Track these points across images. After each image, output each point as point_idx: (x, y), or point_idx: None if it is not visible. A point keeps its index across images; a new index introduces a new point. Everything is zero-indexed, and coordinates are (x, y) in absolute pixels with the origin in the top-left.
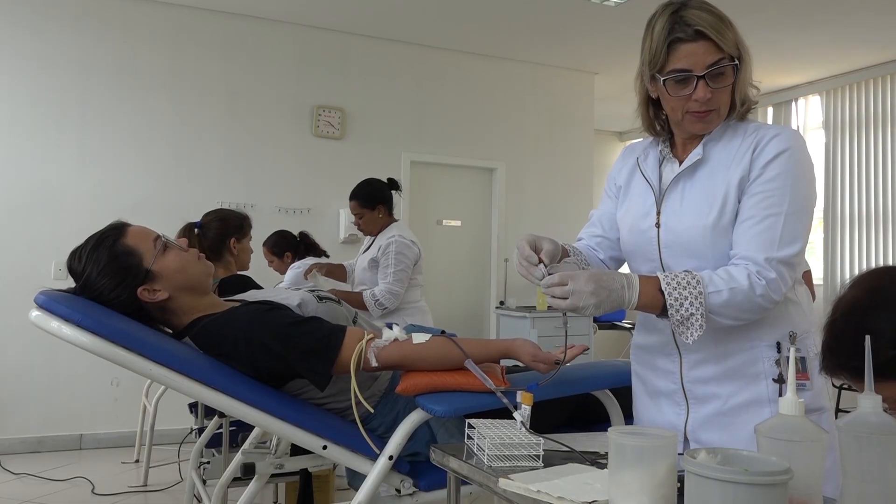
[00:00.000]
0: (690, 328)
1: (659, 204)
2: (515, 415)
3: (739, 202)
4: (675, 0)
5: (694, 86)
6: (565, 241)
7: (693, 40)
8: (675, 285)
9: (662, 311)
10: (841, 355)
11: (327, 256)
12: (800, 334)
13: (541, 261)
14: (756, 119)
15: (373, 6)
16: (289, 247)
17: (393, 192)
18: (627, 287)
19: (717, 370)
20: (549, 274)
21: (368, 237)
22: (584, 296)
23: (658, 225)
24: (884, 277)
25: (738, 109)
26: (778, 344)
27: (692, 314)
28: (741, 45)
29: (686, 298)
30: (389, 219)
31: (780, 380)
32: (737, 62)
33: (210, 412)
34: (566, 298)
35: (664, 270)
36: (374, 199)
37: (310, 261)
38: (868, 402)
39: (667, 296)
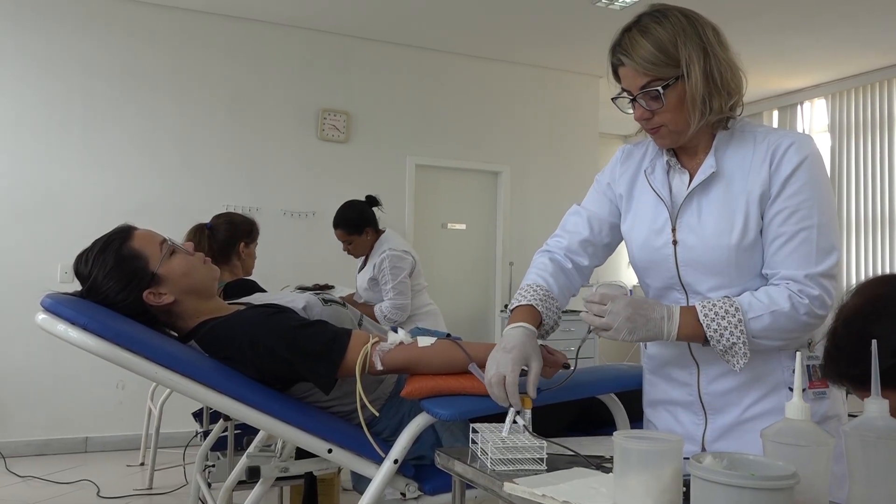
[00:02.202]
0: (735, 356)
1: (674, 220)
2: (517, 419)
3: (762, 218)
4: (637, 17)
5: (633, 106)
6: (538, 285)
7: (622, 64)
8: (714, 316)
9: (706, 341)
10: (842, 363)
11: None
12: (817, 341)
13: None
14: (761, 122)
15: (377, 10)
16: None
17: (375, 208)
18: (667, 319)
19: (737, 381)
20: (596, 290)
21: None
22: (619, 319)
23: (675, 242)
24: (886, 285)
25: (707, 119)
26: (797, 353)
27: (734, 343)
28: (692, 60)
29: (726, 329)
30: (377, 235)
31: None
32: (669, 82)
33: (215, 416)
34: (601, 317)
35: (684, 288)
36: (359, 225)
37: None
38: (874, 406)
39: (706, 328)
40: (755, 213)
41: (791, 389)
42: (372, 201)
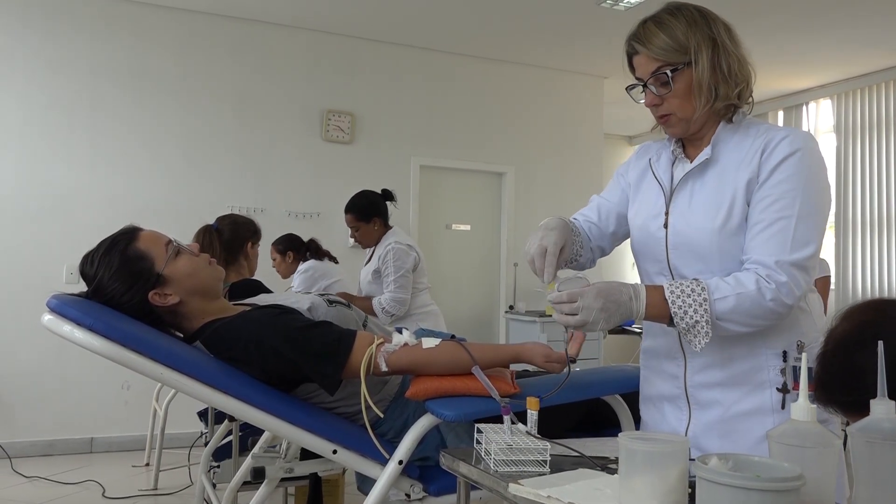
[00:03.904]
0: (697, 336)
1: (668, 204)
2: (519, 426)
3: (748, 205)
4: (655, 11)
5: (644, 94)
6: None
7: (636, 52)
8: (679, 293)
9: (671, 321)
10: (831, 390)
11: (334, 261)
12: (808, 344)
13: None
14: (767, 122)
15: (382, 11)
16: (292, 246)
17: (388, 202)
18: (634, 298)
19: (722, 376)
20: (558, 290)
21: (368, 248)
22: (593, 312)
23: (666, 226)
24: (874, 312)
25: (714, 104)
26: (784, 353)
27: (697, 322)
28: (700, 47)
29: (690, 306)
30: (385, 229)
31: (785, 389)
32: (678, 67)
33: (220, 417)
34: (575, 315)
35: (671, 272)
36: (369, 213)
37: (313, 263)
38: (880, 407)
39: (671, 304)
40: (741, 199)
41: (779, 390)
42: (387, 195)
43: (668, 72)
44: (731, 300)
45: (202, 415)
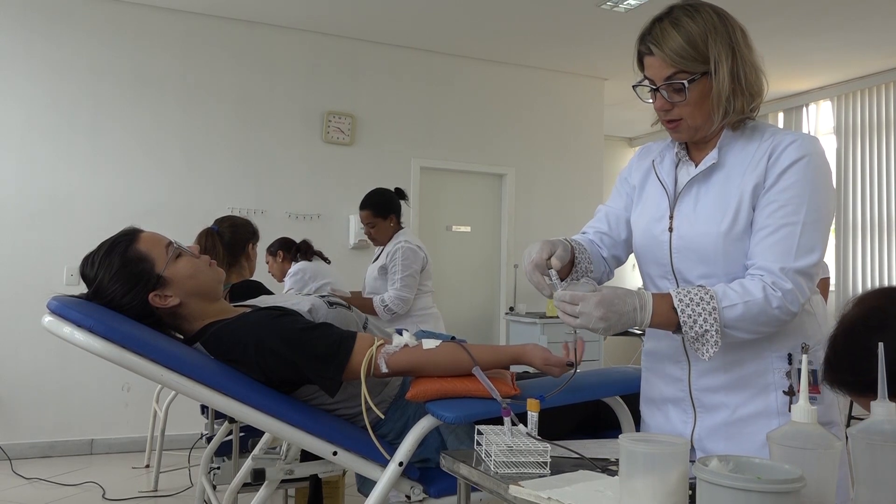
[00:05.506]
0: (706, 344)
1: (672, 208)
2: (520, 427)
3: (754, 210)
4: (669, 8)
5: (654, 97)
6: (571, 237)
7: (650, 53)
8: (689, 302)
9: (677, 329)
10: (839, 371)
11: (326, 261)
12: (812, 346)
13: (550, 267)
14: (771, 125)
15: (383, 13)
16: (283, 247)
17: (401, 201)
18: (640, 309)
19: (726, 379)
20: (564, 289)
21: (377, 247)
22: (592, 319)
23: (671, 229)
24: (885, 298)
25: (729, 118)
26: (789, 355)
27: (707, 331)
28: (721, 58)
29: (700, 315)
30: (398, 227)
31: (791, 392)
32: (695, 76)
33: (220, 417)
34: (576, 318)
35: (675, 275)
36: (386, 209)
37: (303, 265)
38: (881, 409)
39: (680, 313)
40: (747, 203)
41: (785, 393)
42: (400, 193)
43: (686, 82)
44: (739, 308)
45: (204, 408)
